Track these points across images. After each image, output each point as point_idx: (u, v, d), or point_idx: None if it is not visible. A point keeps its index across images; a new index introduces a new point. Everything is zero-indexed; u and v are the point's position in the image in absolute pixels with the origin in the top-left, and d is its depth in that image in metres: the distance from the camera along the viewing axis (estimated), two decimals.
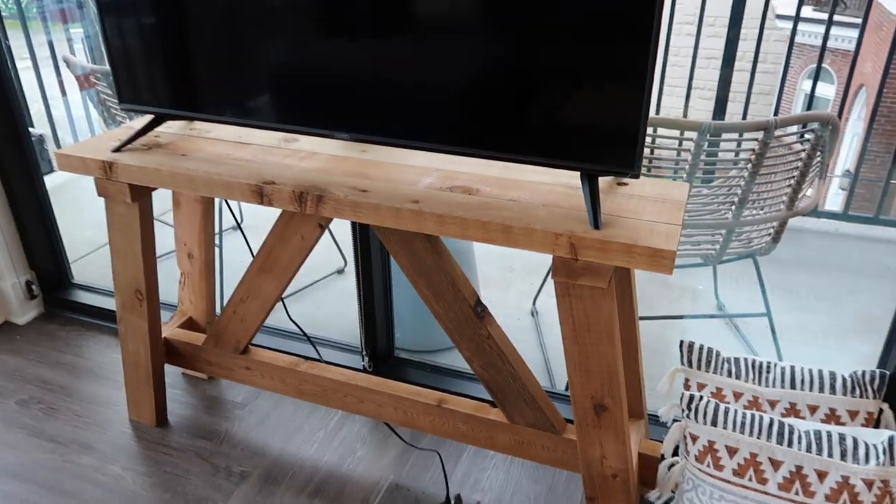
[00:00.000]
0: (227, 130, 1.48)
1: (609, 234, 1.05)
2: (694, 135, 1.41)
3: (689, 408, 1.30)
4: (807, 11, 8.14)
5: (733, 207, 1.60)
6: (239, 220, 2.55)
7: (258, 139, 1.43)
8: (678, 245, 1.78)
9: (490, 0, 1.04)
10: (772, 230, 1.65)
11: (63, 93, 3.29)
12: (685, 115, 2.93)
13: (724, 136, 1.40)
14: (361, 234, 1.69)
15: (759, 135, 1.43)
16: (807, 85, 9.33)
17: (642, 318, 2.11)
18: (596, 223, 1.07)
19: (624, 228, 1.07)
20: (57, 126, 3.16)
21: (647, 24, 0.96)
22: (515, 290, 2.37)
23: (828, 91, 8.65)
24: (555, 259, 1.10)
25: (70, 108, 3.31)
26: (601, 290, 1.11)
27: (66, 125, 3.31)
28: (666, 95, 3.30)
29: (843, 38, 8.16)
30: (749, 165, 1.48)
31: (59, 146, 3.25)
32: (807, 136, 1.47)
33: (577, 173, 1.22)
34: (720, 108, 2.76)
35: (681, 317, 2.14)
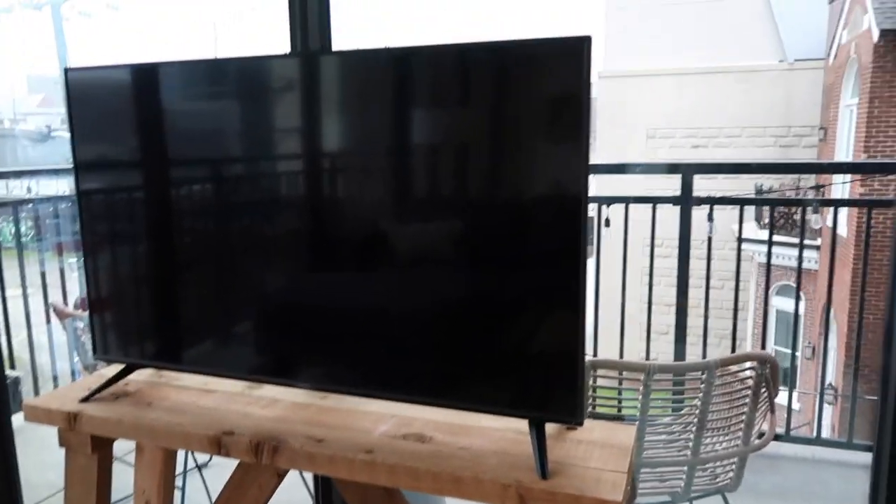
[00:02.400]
0: (195, 377, 1.53)
1: (556, 484, 1.07)
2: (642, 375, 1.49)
3: None
4: (766, 234, 8.75)
5: (690, 444, 1.62)
6: (199, 463, 2.51)
7: (224, 386, 1.48)
8: (644, 482, 1.77)
9: (439, 268, 1.17)
10: (734, 465, 1.66)
11: (48, 321, 3.41)
12: (648, 351, 3.03)
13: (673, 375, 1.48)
14: (323, 478, 1.67)
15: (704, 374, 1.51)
16: (777, 301, 9.73)
17: None
18: (543, 473, 1.09)
19: (571, 477, 1.09)
20: (42, 351, 3.23)
21: (575, 291, 1.08)
22: None
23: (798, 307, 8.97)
24: None
25: (53, 336, 3.41)
26: None
27: (49, 351, 3.39)
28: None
29: (805, 258, 8.68)
30: (698, 402, 1.54)
31: (35, 376, 3.28)
32: (749, 373, 1.55)
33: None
34: (681, 334, 2.89)
35: None
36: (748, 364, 1.51)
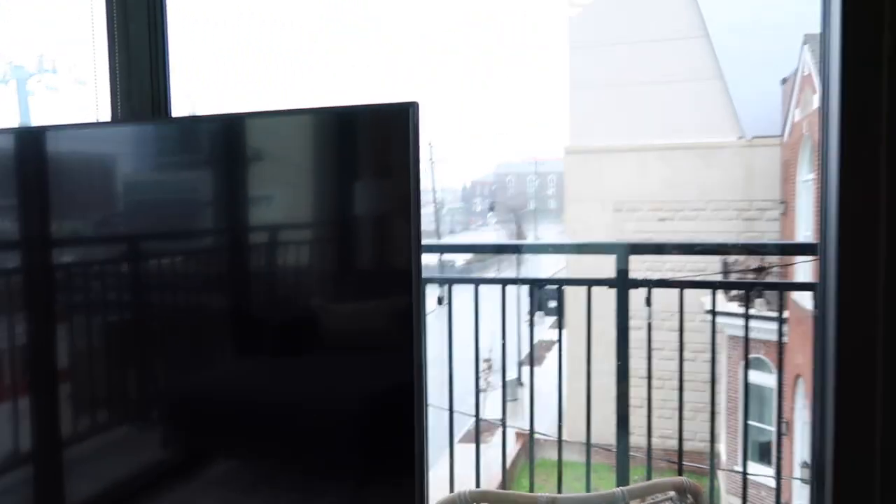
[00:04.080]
0: None
1: None
2: None
3: None
4: (734, 307, 8.63)
5: None
6: None
7: None
8: None
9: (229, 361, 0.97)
10: None
11: None
12: (588, 441, 2.80)
13: None
14: None
15: None
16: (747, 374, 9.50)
17: None
18: None
19: None
20: None
21: (409, 391, 0.88)
22: None
23: (767, 380, 8.76)
24: None
25: None
26: None
27: None
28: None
29: (772, 330, 8.51)
30: None
31: None
32: None
33: None
34: (622, 423, 2.68)
35: None
36: (662, 496, 1.29)
